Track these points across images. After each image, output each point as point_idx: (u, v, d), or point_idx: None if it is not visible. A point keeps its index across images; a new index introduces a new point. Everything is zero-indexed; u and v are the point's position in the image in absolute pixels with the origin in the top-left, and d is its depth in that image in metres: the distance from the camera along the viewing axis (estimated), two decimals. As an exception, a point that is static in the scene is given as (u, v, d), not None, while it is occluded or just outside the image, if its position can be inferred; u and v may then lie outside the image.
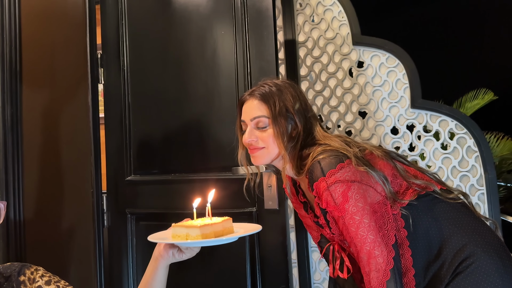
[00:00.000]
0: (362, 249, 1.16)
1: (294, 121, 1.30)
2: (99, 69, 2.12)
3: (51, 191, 2.10)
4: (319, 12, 2.13)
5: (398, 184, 1.26)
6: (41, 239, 2.10)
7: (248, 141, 1.32)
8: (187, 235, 1.15)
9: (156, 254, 1.21)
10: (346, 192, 1.18)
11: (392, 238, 1.18)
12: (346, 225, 1.18)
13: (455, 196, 1.27)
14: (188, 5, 1.97)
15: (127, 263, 2.07)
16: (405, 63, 1.99)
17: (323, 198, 1.21)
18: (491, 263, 1.17)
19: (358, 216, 1.17)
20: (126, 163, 2.09)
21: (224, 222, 1.20)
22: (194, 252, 1.22)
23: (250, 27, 1.80)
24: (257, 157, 1.33)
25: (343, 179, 1.18)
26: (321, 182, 1.20)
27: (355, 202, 1.17)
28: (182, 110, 1.98)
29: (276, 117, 1.28)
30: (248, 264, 1.81)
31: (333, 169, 1.19)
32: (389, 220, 1.20)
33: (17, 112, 2.14)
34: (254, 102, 1.32)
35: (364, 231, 1.16)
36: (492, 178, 1.87)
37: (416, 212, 1.23)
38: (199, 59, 1.94)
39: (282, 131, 1.28)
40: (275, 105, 1.29)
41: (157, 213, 2.02)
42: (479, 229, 1.24)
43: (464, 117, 1.94)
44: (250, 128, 1.33)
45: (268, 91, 1.31)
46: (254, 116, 1.32)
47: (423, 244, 1.22)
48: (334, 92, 2.10)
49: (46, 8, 2.15)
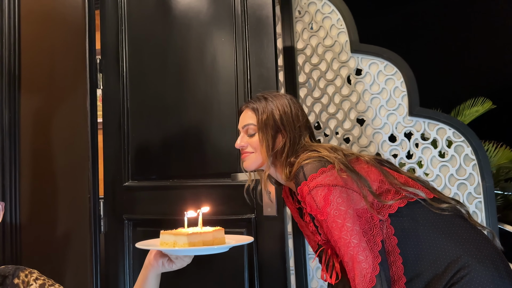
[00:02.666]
0: (346, 253, 1.17)
1: (280, 130, 1.37)
2: (98, 74, 2.12)
3: (48, 195, 2.09)
4: (317, 19, 2.14)
5: (386, 189, 1.26)
6: (37, 244, 2.09)
7: (238, 146, 1.43)
8: (175, 242, 1.13)
9: (146, 263, 1.21)
10: (327, 195, 1.20)
11: (379, 244, 1.18)
12: (330, 228, 1.20)
13: (447, 207, 1.25)
14: (188, 12, 1.98)
15: (124, 269, 2.06)
16: (403, 71, 2.00)
17: (307, 202, 1.24)
18: (486, 273, 1.16)
19: (340, 219, 1.18)
20: (124, 169, 2.08)
21: (215, 232, 1.19)
22: (184, 263, 1.20)
23: (250, 34, 1.81)
24: (246, 161, 1.42)
25: (324, 183, 1.21)
26: (303, 186, 1.24)
27: (337, 205, 1.19)
28: (181, 116, 1.98)
29: (261, 125, 1.37)
30: (246, 271, 1.81)
31: (315, 173, 1.23)
32: (375, 226, 1.20)
33: (15, 116, 2.14)
34: (247, 112, 1.43)
35: (347, 235, 1.17)
36: (489, 187, 1.87)
37: (406, 219, 1.23)
38: (198, 66, 1.94)
39: (266, 139, 1.36)
40: (262, 114, 1.38)
41: (155, 219, 2.01)
42: (473, 239, 1.22)
43: (462, 125, 1.95)
44: (242, 135, 1.44)
45: (260, 101, 1.42)
46: (244, 124, 1.43)
47: (415, 252, 1.21)
48: (332, 99, 2.10)
49: (45, 12, 2.16)
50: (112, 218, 2.09)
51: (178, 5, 2.00)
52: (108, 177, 2.12)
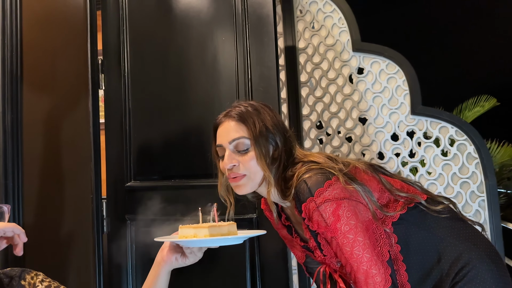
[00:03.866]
0: (359, 269, 1.10)
1: (274, 141, 1.22)
2: (99, 74, 2.12)
3: (51, 196, 2.09)
4: (319, 18, 2.14)
5: (386, 197, 1.22)
6: (41, 245, 2.09)
7: (229, 166, 1.21)
8: (195, 235, 1.14)
9: (158, 259, 1.20)
10: (336, 210, 1.12)
11: (386, 254, 1.15)
12: (340, 245, 1.12)
13: (442, 208, 1.23)
14: (189, 11, 1.98)
15: (127, 270, 2.06)
16: (405, 70, 1.99)
17: (314, 220, 1.15)
18: (486, 269, 1.16)
19: (352, 234, 1.11)
20: (126, 169, 2.09)
21: (229, 225, 1.21)
22: (197, 258, 1.20)
23: (251, 33, 1.81)
24: (241, 186, 1.22)
25: (332, 197, 1.13)
26: (309, 202, 1.14)
27: (347, 220, 1.12)
28: (183, 116, 1.98)
29: (257, 137, 1.19)
30: (248, 271, 1.80)
31: (321, 188, 1.13)
32: (381, 236, 1.16)
33: (18, 118, 2.14)
34: (231, 123, 1.23)
35: (360, 250, 1.11)
36: (492, 185, 1.86)
37: (407, 225, 1.20)
38: (199, 65, 1.94)
39: (264, 152, 1.19)
40: (255, 124, 1.20)
41: (157, 219, 2.01)
42: (471, 236, 1.22)
43: (464, 124, 1.94)
44: (228, 152, 1.22)
45: (245, 111, 1.23)
46: (232, 138, 1.21)
47: (417, 258, 1.19)
48: (334, 98, 2.10)
49: (47, 13, 2.16)
50: (114, 218, 2.09)
51: (178, 4, 2.01)
52: (110, 177, 2.12)
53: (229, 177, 1.24)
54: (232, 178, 1.23)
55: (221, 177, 1.32)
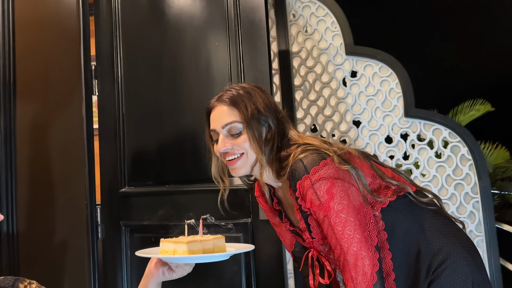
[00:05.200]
0: (349, 250, 1.12)
1: (267, 123, 1.23)
2: (93, 80, 2.12)
3: (45, 203, 2.08)
4: (312, 22, 2.14)
5: (377, 184, 1.24)
6: (35, 252, 2.08)
7: (223, 150, 1.23)
8: (174, 250, 1.12)
9: (147, 272, 1.20)
10: (330, 189, 1.14)
11: (375, 239, 1.16)
12: (332, 224, 1.14)
13: (428, 200, 1.25)
14: (182, 16, 1.98)
15: (122, 276, 2.05)
16: (398, 73, 2.00)
17: (308, 197, 1.16)
18: (465, 264, 1.17)
19: (344, 214, 1.13)
20: (120, 175, 2.08)
21: (216, 240, 1.18)
22: (185, 271, 1.20)
23: (244, 38, 1.81)
24: (237, 167, 1.24)
25: (327, 176, 1.15)
26: (305, 180, 1.16)
27: (340, 199, 1.14)
28: (177, 121, 1.98)
29: (249, 120, 1.20)
30: (243, 275, 1.80)
31: (317, 166, 1.15)
32: (371, 221, 1.18)
33: (10, 124, 2.13)
34: (223, 108, 1.24)
35: (351, 230, 1.12)
36: (486, 186, 1.87)
37: (395, 213, 1.22)
38: (193, 70, 1.94)
39: (257, 135, 1.21)
40: (246, 108, 1.21)
41: (152, 225, 2.00)
42: (454, 231, 1.24)
43: (457, 126, 1.95)
44: (222, 137, 1.23)
45: (237, 94, 1.24)
46: (225, 123, 1.23)
47: (402, 247, 1.20)
48: (328, 102, 2.11)
49: (40, 20, 2.16)
50: (109, 224, 2.08)
51: (171, 10, 2.01)
52: (104, 183, 2.12)
53: (225, 160, 1.25)
54: (228, 161, 1.24)
55: (215, 159, 1.33)
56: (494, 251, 1.84)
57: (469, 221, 1.88)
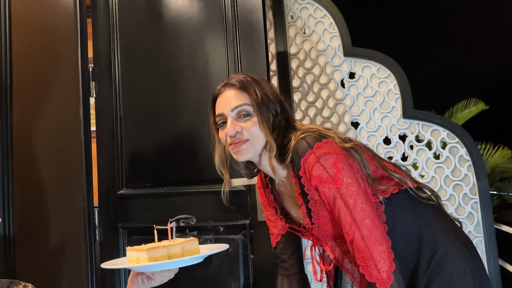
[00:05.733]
0: (363, 224, 1.10)
1: (274, 109, 1.23)
2: (90, 82, 2.11)
3: (42, 205, 2.07)
4: (310, 24, 2.14)
5: (380, 174, 1.23)
6: (32, 255, 2.07)
7: (232, 132, 1.19)
8: (138, 259, 1.09)
9: (128, 281, 1.19)
10: (337, 162, 1.12)
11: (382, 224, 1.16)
12: (344, 198, 1.11)
13: (428, 196, 1.26)
14: (179, 18, 1.98)
15: (120, 278, 2.04)
16: (396, 74, 2.00)
17: (314, 173, 1.14)
18: (465, 261, 1.17)
19: (355, 187, 1.12)
20: (118, 177, 2.07)
21: (186, 243, 1.13)
22: (165, 278, 1.17)
23: (241, 39, 1.81)
24: (243, 150, 1.20)
25: (331, 151, 1.14)
26: (309, 155, 1.14)
27: (348, 173, 1.12)
28: (174, 123, 1.97)
29: (259, 104, 1.20)
30: (241, 277, 1.79)
31: (320, 143, 1.15)
32: (374, 205, 1.17)
33: (7, 126, 2.13)
34: (231, 92, 1.23)
35: (363, 203, 1.11)
36: (484, 187, 1.87)
37: (396, 207, 1.21)
38: (190, 72, 1.94)
39: (266, 118, 1.20)
40: (256, 92, 1.21)
41: (150, 227, 1.98)
42: (453, 228, 1.24)
43: (455, 127, 1.95)
44: (231, 120, 1.21)
45: (245, 80, 1.24)
46: (235, 106, 1.21)
47: (402, 242, 1.19)
48: (326, 103, 2.10)
49: (37, 22, 2.15)
50: (107, 226, 2.08)
51: (169, 11, 2.00)
52: (102, 185, 2.11)
53: (231, 145, 1.22)
54: (233, 144, 1.21)
55: (219, 148, 1.29)
56: (493, 252, 1.83)
57: (468, 222, 1.87)
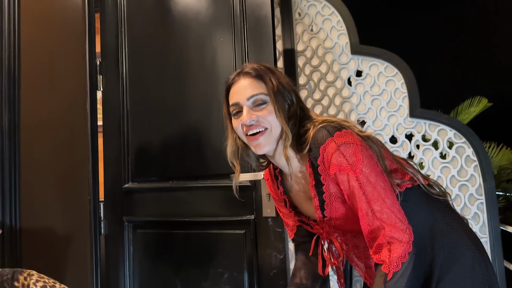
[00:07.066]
0: (384, 206, 1.09)
1: (290, 98, 1.22)
2: (98, 76, 2.12)
3: (48, 198, 2.09)
4: (317, 21, 2.14)
5: (394, 168, 1.24)
6: (37, 247, 2.09)
7: (249, 122, 1.18)
8: None
9: None
10: (357, 152, 1.12)
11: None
12: (362, 186, 1.11)
13: (438, 192, 1.26)
14: (187, 13, 1.98)
15: (124, 271, 2.05)
16: (404, 73, 1.99)
17: (333, 161, 1.13)
18: (475, 258, 1.18)
19: (373, 177, 1.11)
20: (124, 171, 2.08)
21: None
22: None
23: (249, 35, 1.81)
24: (261, 143, 1.19)
25: (351, 141, 1.13)
26: (329, 143, 1.13)
27: (368, 163, 1.12)
28: (181, 118, 1.97)
29: (276, 93, 1.18)
30: (246, 273, 1.80)
31: (340, 132, 1.14)
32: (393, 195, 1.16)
33: (15, 119, 2.14)
34: (246, 81, 1.21)
35: (382, 193, 1.11)
36: (491, 188, 1.86)
37: (408, 204, 1.21)
38: (198, 67, 1.94)
39: (282, 107, 1.18)
40: (271, 81, 1.19)
41: (155, 221, 2.00)
42: (463, 226, 1.25)
43: (463, 127, 1.94)
44: (247, 109, 1.19)
45: (260, 68, 1.22)
46: (251, 95, 1.19)
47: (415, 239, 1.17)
48: (333, 101, 2.10)
49: (46, 15, 2.16)
50: (112, 220, 2.09)
51: (177, 6, 2.01)
52: (108, 179, 2.12)
53: (248, 136, 1.21)
54: (251, 136, 1.20)
55: (232, 138, 1.28)
56: (498, 253, 1.82)
57: (473, 223, 1.86)
